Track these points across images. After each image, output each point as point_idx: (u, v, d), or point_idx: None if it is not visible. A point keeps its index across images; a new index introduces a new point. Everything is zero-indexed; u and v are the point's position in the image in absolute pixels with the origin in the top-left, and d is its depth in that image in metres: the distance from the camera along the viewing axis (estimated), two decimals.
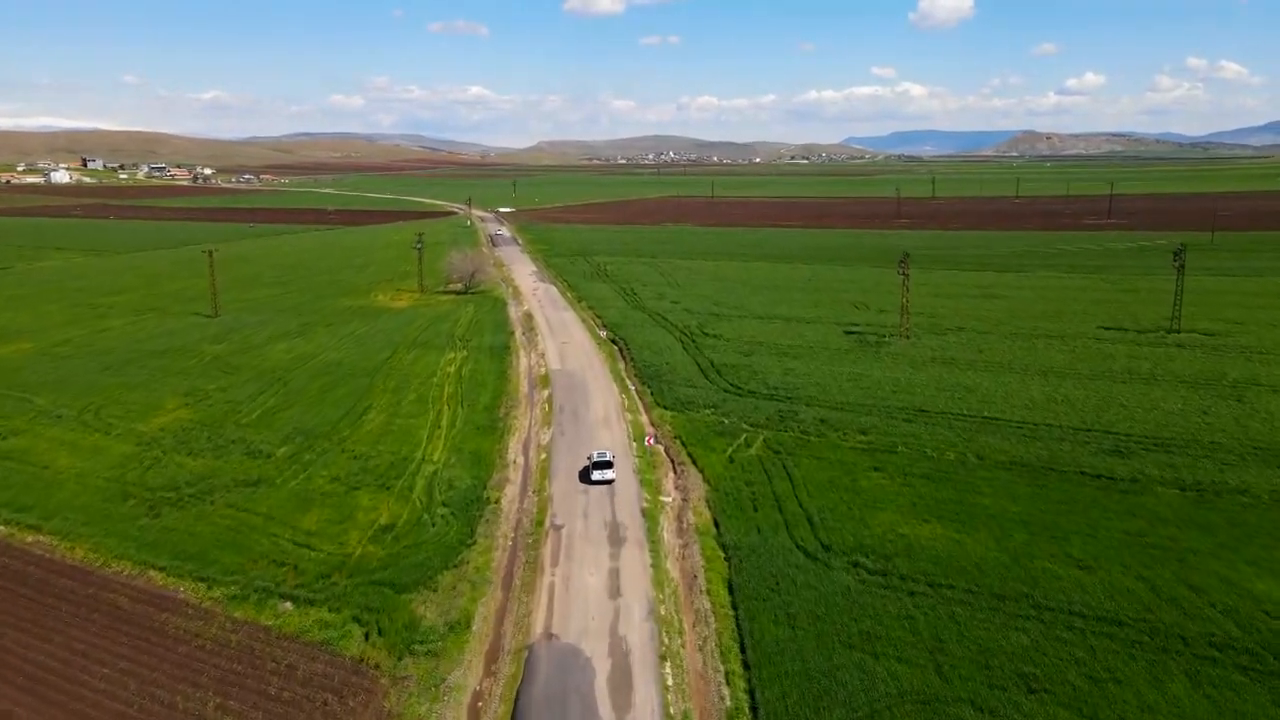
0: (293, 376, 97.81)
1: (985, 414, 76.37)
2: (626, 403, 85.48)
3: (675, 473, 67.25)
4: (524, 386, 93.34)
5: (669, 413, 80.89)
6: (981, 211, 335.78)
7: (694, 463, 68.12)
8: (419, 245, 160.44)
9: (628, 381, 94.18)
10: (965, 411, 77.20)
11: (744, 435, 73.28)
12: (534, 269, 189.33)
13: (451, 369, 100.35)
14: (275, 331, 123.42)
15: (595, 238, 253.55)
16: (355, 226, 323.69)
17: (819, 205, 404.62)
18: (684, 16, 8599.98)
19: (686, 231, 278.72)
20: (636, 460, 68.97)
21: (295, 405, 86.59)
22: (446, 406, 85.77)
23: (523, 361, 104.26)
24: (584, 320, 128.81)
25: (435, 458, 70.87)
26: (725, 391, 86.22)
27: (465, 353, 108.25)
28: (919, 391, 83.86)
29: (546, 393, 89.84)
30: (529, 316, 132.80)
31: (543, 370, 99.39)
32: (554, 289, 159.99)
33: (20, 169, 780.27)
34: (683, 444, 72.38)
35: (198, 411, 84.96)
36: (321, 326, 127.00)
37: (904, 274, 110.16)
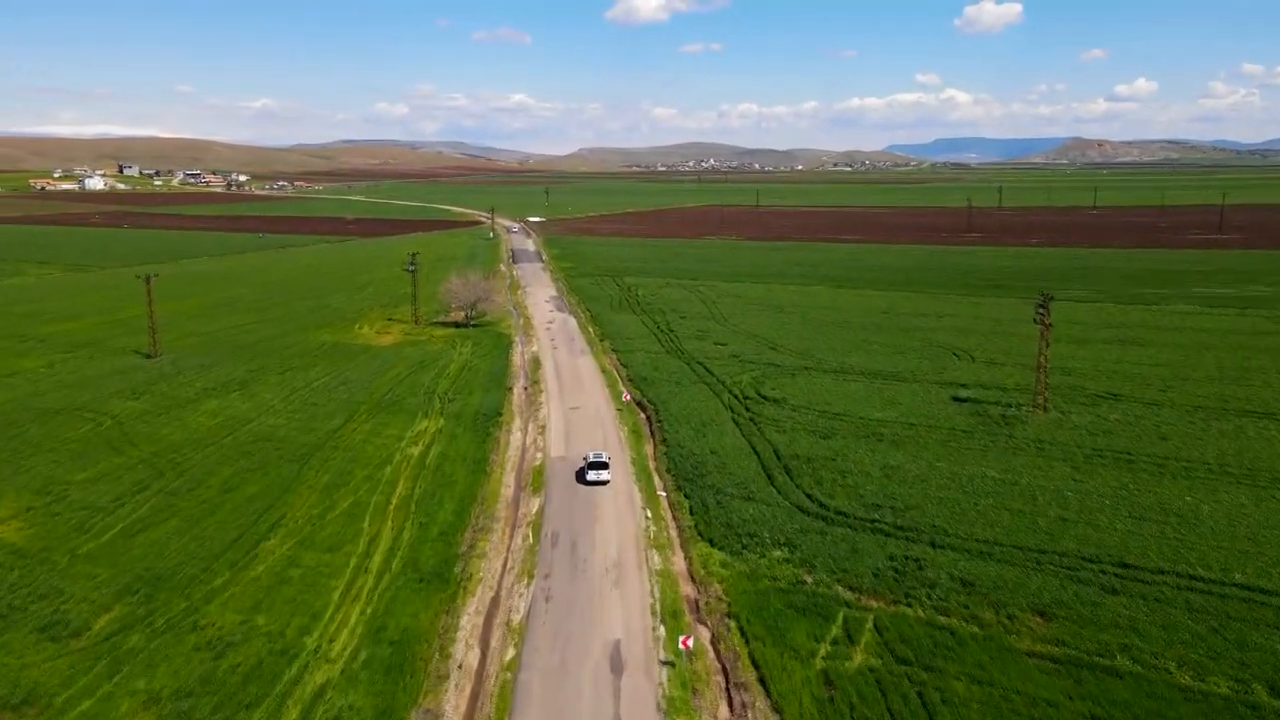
0: (199, 459, 71.18)
1: (1236, 578, 46.72)
2: (653, 528, 57.01)
3: (730, 707, 38.67)
4: (508, 487, 65.46)
5: (718, 554, 52.34)
6: (1062, 224, 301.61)
7: (762, 682, 39.55)
8: (412, 267, 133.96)
9: (656, 482, 65.75)
10: (1199, 570, 47.56)
11: (842, 614, 44.54)
12: (553, 293, 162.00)
13: (416, 450, 72.98)
14: (214, 381, 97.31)
15: (628, 253, 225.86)
16: (371, 238, 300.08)
17: (875, 216, 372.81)
18: (727, 24, 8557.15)
19: (730, 246, 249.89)
20: (664, 680, 40.39)
21: (174, 516, 59.74)
22: (390, 524, 58.32)
23: (514, 440, 76.41)
24: (604, 370, 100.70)
25: (335, 650, 43.17)
26: (801, 511, 57.44)
27: (442, 422, 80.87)
28: (1104, 521, 54.27)
29: (537, 502, 61.77)
30: (536, 363, 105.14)
31: (539, 458, 71.39)
32: (573, 322, 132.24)
33: (57, 175, 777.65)
34: (742, 632, 43.79)
35: (29, 527, 58.47)
36: (275, 374, 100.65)
37: (1043, 323, 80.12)
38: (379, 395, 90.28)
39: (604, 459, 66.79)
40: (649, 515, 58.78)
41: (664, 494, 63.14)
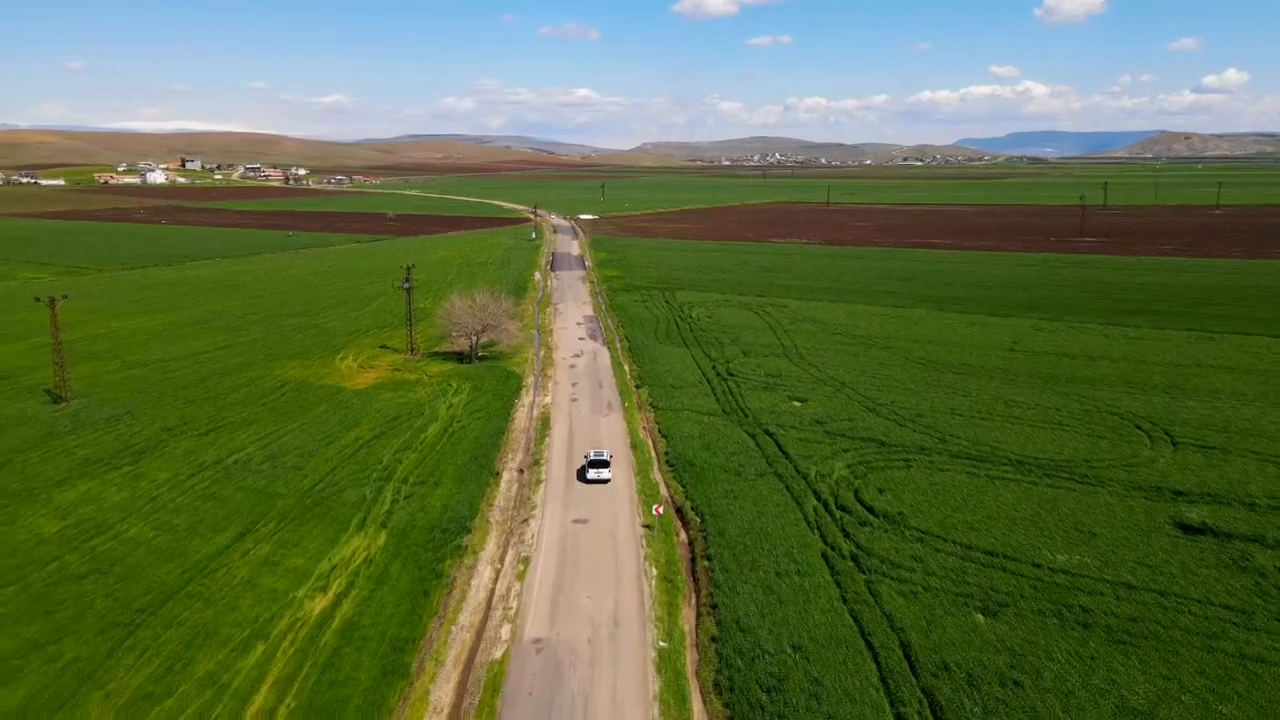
0: None
1: None
2: None
3: None
4: (435, 718, 37.42)
5: None
6: (1190, 227, 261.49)
7: None
8: (407, 284, 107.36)
9: (698, 717, 36.94)
10: None
11: None
12: (588, 313, 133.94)
13: (317, 608, 45.72)
14: (108, 447, 71.97)
15: (683, 260, 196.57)
16: (407, 237, 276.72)
17: (962, 216, 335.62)
18: (797, 17, 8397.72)
19: (801, 252, 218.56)
20: None
21: None
22: None
23: (476, 590, 48.39)
24: (635, 443, 71.94)
25: None
26: None
27: (382, 540, 53.51)
28: None
29: None
30: (544, 425, 77.12)
31: (503, 638, 43.14)
32: (605, 356, 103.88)
33: (121, 169, 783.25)
34: None
35: None
36: (194, 435, 74.84)
37: None
38: (310, 482, 63.33)
39: (605, 457, 63.03)
40: None
41: None
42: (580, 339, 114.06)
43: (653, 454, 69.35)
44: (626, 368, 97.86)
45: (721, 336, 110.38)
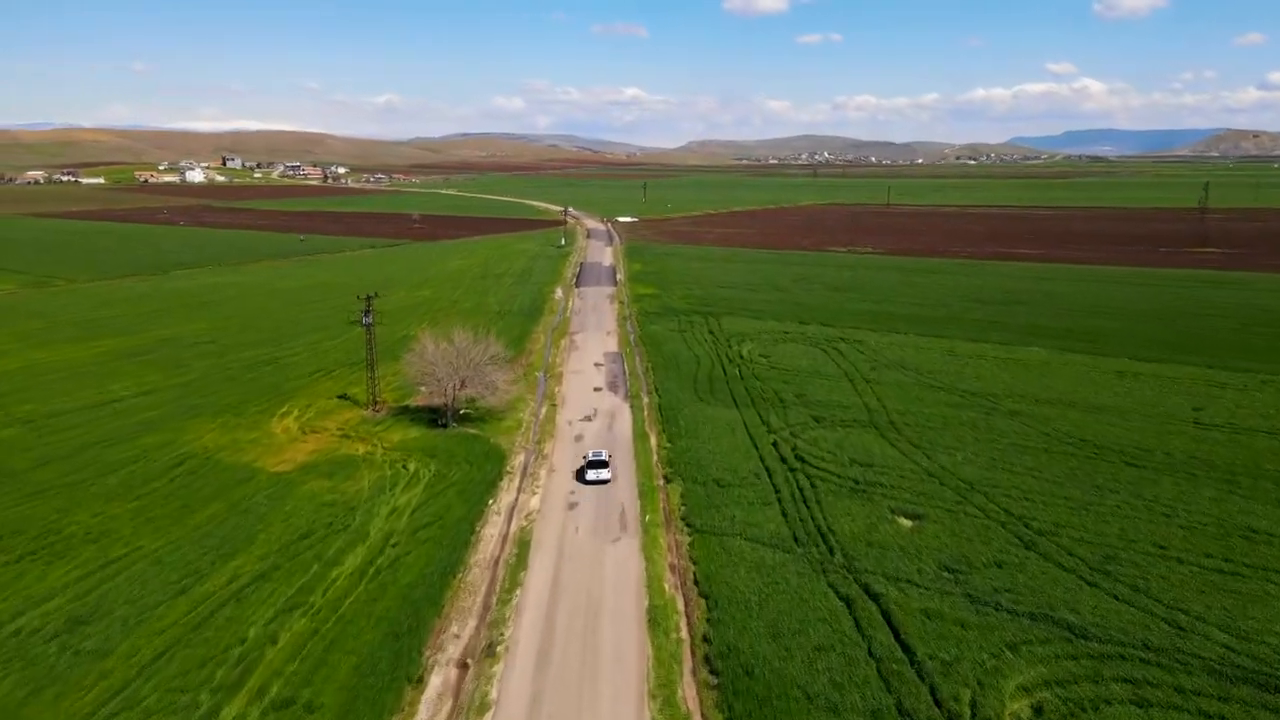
0: None
1: None
2: None
3: None
4: None
5: None
6: None
7: None
8: (368, 320, 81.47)
9: None
10: None
11: None
12: (611, 349, 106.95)
13: None
14: None
15: (731, 275, 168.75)
16: (428, 242, 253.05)
17: (1045, 222, 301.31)
18: (848, 13, 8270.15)
19: (868, 264, 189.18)
20: None
21: None
22: None
23: None
24: (657, 615, 44.63)
25: None
26: None
27: None
28: None
29: None
30: (519, 560, 50.32)
31: None
32: (626, 420, 76.75)
33: (162, 168, 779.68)
34: None
35: None
36: (24, 561, 49.79)
37: None
38: (98, 698, 37.75)
39: (604, 457, 61.11)
40: None
41: None
42: (596, 389, 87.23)
43: (684, 637, 42.16)
44: (654, 441, 70.74)
45: (783, 390, 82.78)
